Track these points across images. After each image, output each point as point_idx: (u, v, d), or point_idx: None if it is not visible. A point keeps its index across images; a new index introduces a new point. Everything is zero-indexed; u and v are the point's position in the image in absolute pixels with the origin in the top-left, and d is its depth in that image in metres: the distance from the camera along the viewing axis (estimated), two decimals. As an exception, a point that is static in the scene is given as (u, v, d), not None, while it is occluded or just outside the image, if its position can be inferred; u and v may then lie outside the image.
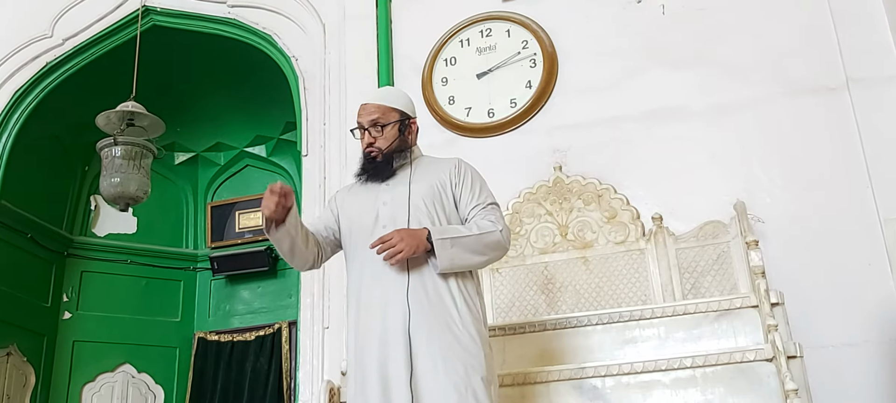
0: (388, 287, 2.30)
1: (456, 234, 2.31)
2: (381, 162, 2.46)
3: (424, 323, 2.24)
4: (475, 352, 2.24)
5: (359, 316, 2.35)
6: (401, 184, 2.44)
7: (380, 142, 2.46)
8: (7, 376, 4.84)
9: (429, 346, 2.22)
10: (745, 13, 3.73)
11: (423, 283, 2.29)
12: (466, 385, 2.17)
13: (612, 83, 3.80)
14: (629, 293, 3.33)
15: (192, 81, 5.48)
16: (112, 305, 5.56)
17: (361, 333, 2.31)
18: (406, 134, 2.50)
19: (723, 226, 3.31)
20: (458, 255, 2.29)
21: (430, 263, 2.31)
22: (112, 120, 4.16)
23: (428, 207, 2.38)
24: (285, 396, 5.39)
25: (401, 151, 2.49)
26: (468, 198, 2.43)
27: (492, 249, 2.36)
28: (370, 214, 2.42)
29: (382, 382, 2.21)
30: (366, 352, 2.28)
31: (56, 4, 4.90)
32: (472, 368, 2.21)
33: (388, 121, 2.47)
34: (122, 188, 4.19)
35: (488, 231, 2.35)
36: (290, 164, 5.83)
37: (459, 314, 2.28)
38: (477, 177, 2.50)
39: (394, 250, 2.24)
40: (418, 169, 2.48)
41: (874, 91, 3.42)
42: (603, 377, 2.69)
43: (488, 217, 2.40)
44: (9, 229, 4.98)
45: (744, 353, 2.58)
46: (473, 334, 2.27)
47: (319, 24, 4.42)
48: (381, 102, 2.50)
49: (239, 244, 5.84)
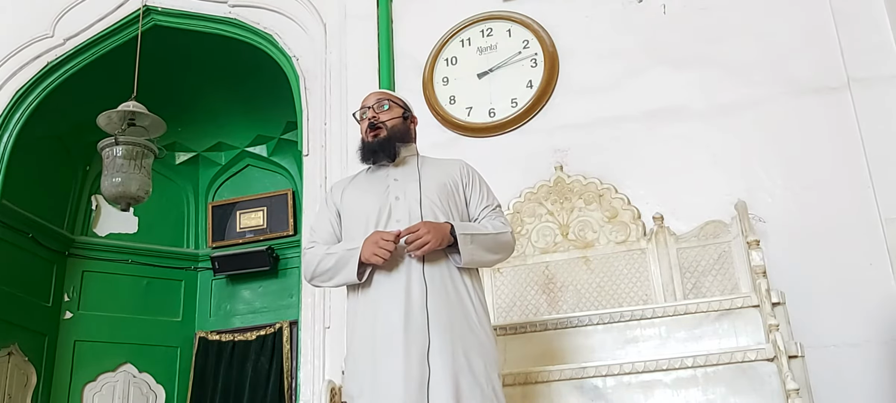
0: (410, 274, 2.27)
1: (476, 231, 2.36)
2: (384, 138, 2.47)
3: (444, 307, 2.23)
4: (491, 350, 2.28)
5: (377, 307, 2.29)
6: (411, 180, 2.43)
7: (383, 116, 2.50)
8: (8, 375, 4.84)
9: (459, 341, 2.20)
10: (747, 13, 3.73)
11: (441, 275, 2.29)
12: (488, 382, 2.20)
13: (613, 83, 3.80)
14: (630, 293, 3.33)
15: (193, 81, 5.48)
16: (113, 305, 5.56)
17: (381, 321, 2.26)
18: (408, 122, 2.57)
19: (724, 226, 3.31)
20: (477, 252, 2.33)
21: (448, 258, 2.32)
22: (113, 119, 4.16)
23: (441, 204, 2.39)
24: (286, 396, 5.39)
25: (404, 140, 2.52)
26: (478, 200, 2.49)
27: (503, 249, 2.44)
28: (381, 208, 2.40)
29: (407, 367, 2.16)
30: (388, 341, 2.22)
31: (57, 4, 4.90)
32: (491, 366, 2.24)
33: (394, 102, 2.55)
34: (123, 188, 4.19)
35: (501, 231, 2.42)
36: (291, 164, 5.83)
37: (476, 312, 2.30)
38: (483, 179, 2.57)
39: (421, 241, 2.23)
40: (425, 166, 2.49)
41: (875, 91, 3.41)
42: (604, 377, 2.69)
43: (499, 218, 2.47)
44: (10, 229, 4.98)
45: (745, 353, 2.58)
46: (488, 332, 2.31)
47: (320, 24, 4.42)
48: (387, 92, 2.64)
49: (240, 244, 5.84)
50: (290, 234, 5.74)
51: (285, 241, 5.77)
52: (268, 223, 5.85)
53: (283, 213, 5.82)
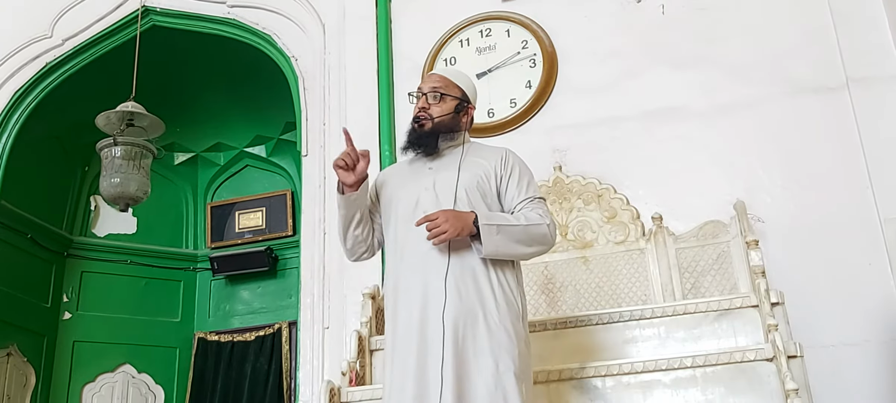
0: (428, 272, 2.24)
1: (503, 222, 2.26)
2: (428, 131, 2.41)
3: (460, 312, 2.18)
4: (508, 348, 2.17)
5: (397, 304, 2.28)
6: (446, 171, 2.38)
7: (434, 110, 2.42)
8: (7, 376, 4.83)
9: (462, 335, 2.16)
10: (745, 13, 3.73)
11: (462, 270, 2.23)
12: (497, 382, 2.11)
13: (611, 83, 3.80)
14: (629, 293, 3.33)
15: (192, 81, 5.48)
16: (112, 305, 5.55)
17: (401, 321, 2.25)
18: (461, 115, 2.46)
19: (723, 226, 3.31)
20: (504, 243, 2.24)
21: (474, 249, 2.25)
22: (112, 120, 4.16)
23: (470, 197, 2.32)
24: (285, 396, 5.39)
25: (450, 132, 2.44)
26: (515, 193, 2.38)
27: (538, 242, 2.31)
28: (410, 198, 2.37)
29: (420, 369, 2.15)
30: (405, 340, 2.22)
31: (56, 5, 4.89)
32: (505, 364, 2.14)
33: (448, 94, 2.44)
34: (121, 188, 4.19)
35: (536, 223, 2.30)
36: (290, 164, 5.82)
37: (497, 307, 2.22)
38: (525, 169, 2.45)
39: (438, 230, 2.18)
40: (468, 155, 2.41)
41: (874, 91, 3.42)
42: (603, 376, 2.68)
43: (536, 210, 2.34)
44: (9, 229, 4.98)
45: (744, 353, 2.58)
46: (509, 328, 2.20)
47: (319, 25, 4.42)
48: (448, 76, 2.49)
49: (239, 244, 5.83)
50: (289, 235, 5.73)
51: (284, 242, 5.76)
52: (267, 223, 5.85)
53: (282, 214, 5.82)
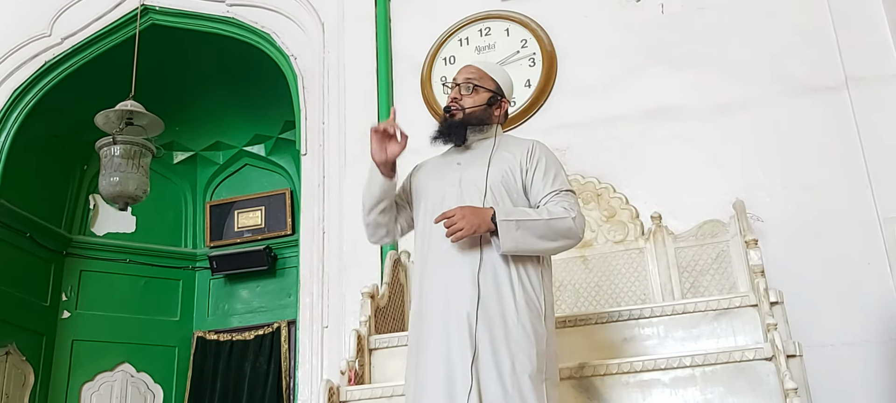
0: (458, 269, 2.20)
1: (523, 217, 2.20)
2: (457, 122, 2.38)
3: (485, 309, 2.14)
4: (526, 348, 2.12)
5: (422, 300, 2.26)
6: (474, 166, 2.34)
7: (466, 101, 2.40)
8: (6, 375, 4.83)
9: (486, 334, 2.12)
10: (745, 12, 3.73)
11: (494, 267, 2.19)
12: (513, 383, 2.07)
13: (611, 82, 3.80)
14: (628, 292, 3.33)
15: (191, 80, 5.48)
16: (111, 304, 5.56)
17: (425, 316, 2.23)
18: (494, 108, 2.43)
19: (722, 225, 3.30)
20: (524, 239, 2.18)
21: (494, 245, 2.21)
22: (111, 119, 4.16)
23: (494, 193, 2.28)
24: (284, 395, 5.39)
25: (480, 124, 2.41)
26: (540, 186, 2.31)
27: (562, 236, 2.24)
28: (437, 192, 2.35)
29: (447, 367, 2.12)
30: (429, 337, 2.19)
31: (55, 3, 4.89)
32: (521, 365, 2.10)
33: (481, 85, 2.41)
34: (121, 187, 4.19)
35: (559, 216, 2.23)
36: (290, 163, 5.83)
37: (516, 305, 2.16)
38: (552, 161, 2.38)
39: (455, 227, 2.15)
40: (498, 149, 2.36)
41: (874, 90, 3.42)
42: (602, 376, 2.68)
43: (561, 203, 2.27)
44: (8, 228, 4.98)
45: (743, 352, 2.57)
46: (527, 328, 2.15)
47: (318, 24, 4.41)
48: (483, 68, 2.47)
49: (238, 243, 5.84)
50: (288, 234, 5.73)
51: (283, 241, 5.76)
52: (266, 222, 5.85)
53: (281, 213, 5.82)
